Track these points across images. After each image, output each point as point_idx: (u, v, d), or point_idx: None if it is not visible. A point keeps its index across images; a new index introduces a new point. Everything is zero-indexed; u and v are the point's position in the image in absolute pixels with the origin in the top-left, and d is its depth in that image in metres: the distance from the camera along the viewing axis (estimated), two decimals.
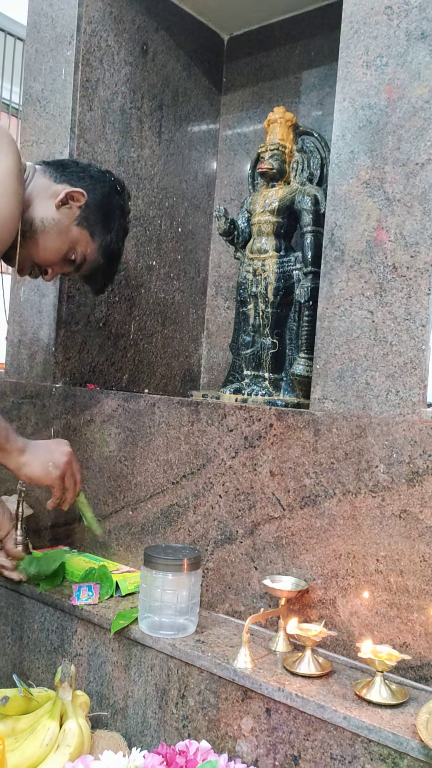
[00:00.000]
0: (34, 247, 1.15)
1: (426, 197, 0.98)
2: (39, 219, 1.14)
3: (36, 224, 1.14)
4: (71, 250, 1.18)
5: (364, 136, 1.05)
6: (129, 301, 1.59)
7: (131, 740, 1.11)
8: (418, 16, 1.00)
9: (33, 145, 1.52)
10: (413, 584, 0.96)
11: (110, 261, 1.25)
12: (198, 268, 1.79)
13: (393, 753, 0.83)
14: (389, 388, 1.01)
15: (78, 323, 1.49)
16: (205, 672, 1.01)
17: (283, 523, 1.10)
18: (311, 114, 1.60)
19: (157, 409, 1.28)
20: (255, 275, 1.40)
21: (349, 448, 1.02)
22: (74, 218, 1.17)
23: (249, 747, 0.97)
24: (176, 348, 1.74)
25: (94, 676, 1.18)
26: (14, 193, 1.06)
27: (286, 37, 1.65)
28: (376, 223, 1.03)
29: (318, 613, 1.05)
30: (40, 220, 1.14)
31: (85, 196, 1.17)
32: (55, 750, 1.01)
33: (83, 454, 1.41)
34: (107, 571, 1.26)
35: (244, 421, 1.15)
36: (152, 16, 1.58)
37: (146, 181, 1.61)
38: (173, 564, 1.08)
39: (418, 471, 0.95)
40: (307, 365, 1.30)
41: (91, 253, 1.21)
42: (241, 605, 1.16)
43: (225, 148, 1.79)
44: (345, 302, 1.06)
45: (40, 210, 1.15)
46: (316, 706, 0.89)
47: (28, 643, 1.30)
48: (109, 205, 1.22)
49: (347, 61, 1.07)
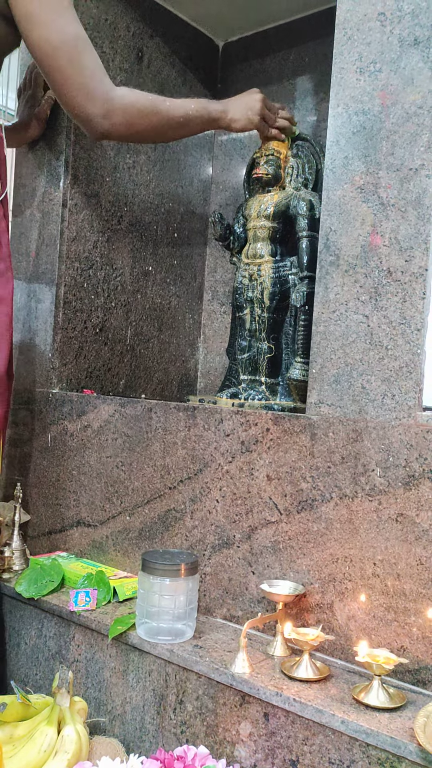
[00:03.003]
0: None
1: (420, 202, 0.99)
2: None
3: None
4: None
5: (358, 142, 1.05)
6: (125, 307, 1.60)
7: (129, 746, 1.10)
8: (411, 22, 1.00)
9: (29, 151, 1.53)
10: (410, 588, 0.96)
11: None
12: (194, 273, 1.79)
13: (391, 757, 0.83)
14: (385, 392, 1.01)
15: (75, 329, 1.49)
16: (203, 677, 1.01)
17: (280, 528, 1.10)
18: (306, 119, 1.61)
19: (154, 414, 1.28)
20: (251, 280, 1.41)
21: (346, 452, 1.03)
22: None
23: (247, 752, 0.97)
24: (173, 353, 1.75)
25: (92, 682, 1.17)
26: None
27: (281, 44, 1.66)
28: (370, 227, 1.04)
29: (315, 617, 1.06)
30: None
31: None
32: (53, 756, 1.01)
33: (80, 459, 1.41)
34: (105, 576, 1.26)
35: (240, 425, 1.15)
36: (147, 22, 1.58)
37: (142, 187, 1.61)
38: (171, 569, 1.08)
39: (414, 475, 0.96)
40: (304, 369, 1.30)
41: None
42: (239, 610, 1.16)
43: (220, 153, 1.79)
44: (340, 307, 1.06)
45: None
46: (314, 710, 0.89)
47: (26, 650, 1.30)
48: None
49: (341, 67, 1.08)
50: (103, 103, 1.16)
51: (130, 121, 1.20)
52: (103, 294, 1.54)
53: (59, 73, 1.13)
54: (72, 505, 1.42)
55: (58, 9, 1.11)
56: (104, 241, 1.53)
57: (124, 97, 1.19)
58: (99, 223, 1.52)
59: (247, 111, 1.34)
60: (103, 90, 1.16)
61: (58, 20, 1.11)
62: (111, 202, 1.54)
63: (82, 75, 1.14)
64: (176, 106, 1.26)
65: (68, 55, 1.12)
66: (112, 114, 1.18)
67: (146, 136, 1.28)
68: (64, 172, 1.44)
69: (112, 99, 1.17)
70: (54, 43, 1.11)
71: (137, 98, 1.21)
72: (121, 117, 1.19)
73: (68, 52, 1.12)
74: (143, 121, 1.22)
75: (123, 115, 1.19)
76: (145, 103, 1.22)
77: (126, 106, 1.19)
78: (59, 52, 1.12)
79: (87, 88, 1.14)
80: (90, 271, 1.51)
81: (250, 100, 1.35)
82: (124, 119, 1.19)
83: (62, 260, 1.46)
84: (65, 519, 1.44)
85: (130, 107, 1.19)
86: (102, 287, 1.54)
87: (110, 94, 1.17)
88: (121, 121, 1.19)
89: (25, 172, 1.54)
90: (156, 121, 1.23)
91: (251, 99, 1.36)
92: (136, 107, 1.20)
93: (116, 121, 1.19)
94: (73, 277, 1.47)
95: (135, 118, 1.20)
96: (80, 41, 1.13)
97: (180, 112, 1.26)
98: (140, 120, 1.21)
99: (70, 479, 1.42)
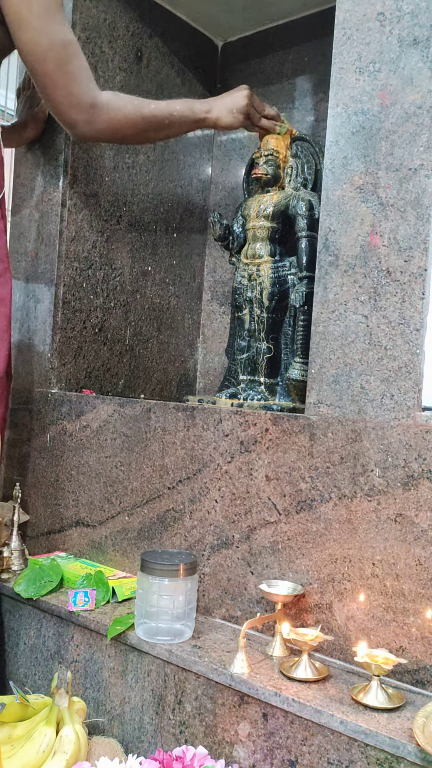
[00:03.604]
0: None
1: (419, 202, 0.99)
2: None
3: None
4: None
5: (358, 142, 1.05)
6: (124, 307, 1.60)
7: (128, 746, 1.10)
8: (411, 22, 1.00)
9: (28, 151, 1.53)
10: (409, 588, 0.96)
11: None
12: (193, 273, 1.79)
13: (390, 757, 0.83)
14: (384, 392, 1.01)
15: (74, 329, 1.49)
16: (202, 677, 1.01)
17: (279, 528, 1.10)
18: (305, 119, 1.61)
19: (153, 414, 1.28)
20: (250, 280, 1.41)
21: (345, 452, 1.03)
22: None
23: (246, 752, 0.97)
24: (172, 353, 1.75)
25: (90, 682, 1.17)
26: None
27: (280, 44, 1.66)
28: (369, 228, 1.03)
29: (314, 617, 1.05)
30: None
31: None
32: (52, 757, 1.01)
33: (79, 459, 1.41)
34: (103, 576, 1.26)
35: (239, 425, 1.15)
36: (146, 22, 1.58)
37: (141, 187, 1.61)
38: (170, 569, 1.08)
39: (413, 475, 0.96)
40: (303, 369, 1.30)
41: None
42: (238, 610, 1.16)
43: (220, 153, 1.79)
44: (340, 307, 1.06)
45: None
46: (312, 710, 0.89)
47: (25, 650, 1.30)
48: None
49: (340, 67, 1.08)
50: (87, 109, 1.19)
51: (114, 127, 1.23)
52: (102, 294, 1.54)
53: (47, 77, 1.15)
54: (71, 506, 1.42)
55: (48, 14, 1.12)
56: (103, 241, 1.53)
57: (108, 104, 1.21)
58: (98, 223, 1.52)
59: (232, 108, 1.34)
60: (88, 96, 1.18)
61: (49, 25, 1.12)
62: (110, 202, 1.54)
63: (68, 81, 1.16)
64: (161, 110, 1.28)
65: (56, 60, 1.14)
66: (95, 120, 1.20)
67: (131, 139, 1.32)
68: (63, 172, 1.44)
69: (95, 106, 1.19)
70: (43, 48, 1.13)
71: (122, 104, 1.23)
72: (105, 123, 1.21)
73: (56, 57, 1.13)
74: (127, 126, 1.24)
75: (107, 122, 1.22)
76: (130, 108, 1.24)
77: (110, 112, 1.21)
78: (48, 56, 1.13)
79: (72, 94, 1.17)
80: (89, 271, 1.51)
81: (236, 97, 1.35)
82: (107, 125, 1.22)
83: (61, 260, 1.46)
84: (64, 519, 1.44)
85: (114, 113, 1.22)
86: (101, 287, 1.54)
87: (95, 101, 1.19)
88: (105, 126, 1.22)
89: (24, 172, 1.54)
90: (140, 125, 1.26)
91: (237, 96, 1.35)
92: (120, 113, 1.22)
93: (100, 127, 1.22)
94: (72, 277, 1.47)
95: (119, 123, 1.23)
96: (69, 46, 1.15)
97: (164, 114, 1.28)
98: (124, 125, 1.24)
99: (69, 479, 1.42)
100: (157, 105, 1.27)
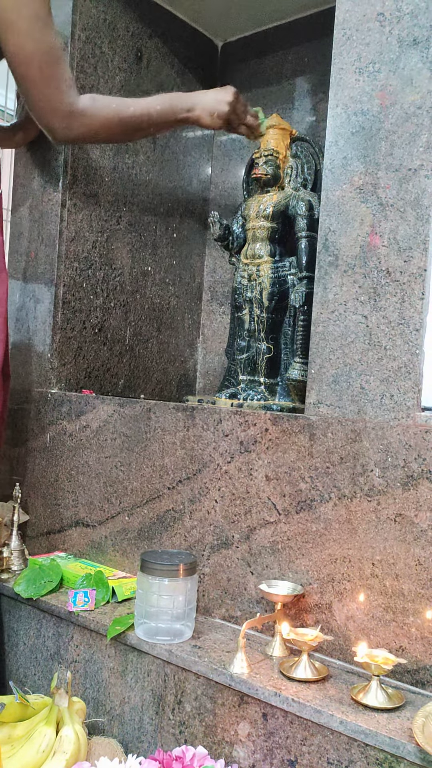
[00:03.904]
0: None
1: (419, 202, 0.99)
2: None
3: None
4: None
5: (357, 142, 1.05)
6: (124, 307, 1.60)
7: (128, 746, 1.10)
8: (410, 22, 1.01)
9: (28, 151, 1.53)
10: (409, 588, 0.96)
11: None
12: (193, 273, 1.79)
13: (390, 757, 0.83)
14: (384, 392, 1.01)
15: (74, 329, 1.49)
16: (202, 677, 1.01)
17: (279, 528, 1.10)
18: (305, 120, 1.61)
19: (153, 414, 1.28)
20: (250, 280, 1.41)
21: (345, 452, 1.03)
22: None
23: (246, 752, 0.97)
24: (172, 353, 1.75)
25: (90, 682, 1.17)
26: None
27: (280, 44, 1.66)
28: (369, 228, 1.04)
29: (314, 617, 1.06)
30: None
31: None
32: (52, 757, 1.01)
33: (79, 459, 1.41)
34: (103, 576, 1.26)
35: (239, 425, 1.15)
36: (146, 23, 1.58)
37: (141, 187, 1.61)
38: (169, 569, 1.08)
39: (413, 475, 0.96)
40: (302, 370, 1.30)
41: None
42: (238, 610, 1.16)
43: (219, 153, 1.79)
44: (339, 307, 1.06)
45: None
46: (312, 710, 0.89)
47: (24, 650, 1.30)
48: None
49: (340, 67, 1.08)
50: (66, 116, 1.20)
51: (93, 130, 1.25)
52: (102, 294, 1.54)
53: (28, 81, 1.16)
54: (71, 506, 1.42)
55: (37, 19, 1.13)
56: (103, 241, 1.53)
57: (85, 111, 1.22)
58: (98, 223, 1.52)
59: (213, 112, 1.32)
60: (66, 103, 1.20)
61: (36, 30, 1.13)
62: (110, 202, 1.54)
63: (49, 86, 1.17)
64: (140, 111, 1.28)
65: (39, 65, 1.15)
66: (73, 126, 1.22)
67: (111, 141, 1.35)
68: (63, 172, 1.44)
69: (73, 113, 1.21)
70: (28, 52, 1.14)
71: (100, 108, 1.24)
72: (83, 128, 1.23)
73: (39, 62, 1.14)
74: (105, 129, 1.26)
75: (85, 126, 1.23)
76: (108, 112, 1.25)
77: (88, 118, 1.22)
78: (32, 60, 1.14)
79: (51, 100, 1.18)
80: (89, 271, 1.51)
81: (219, 100, 1.34)
82: (86, 130, 1.24)
83: (61, 260, 1.46)
84: (64, 519, 1.44)
85: (91, 120, 1.23)
86: (101, 287, 1.54)
87: (72, 107, 1.20)
88: (83, 131, 1.24)
89: (24, 172, 1.54)
90: (119, 128, 1.27)
91: (221, 99, 1.34)
92: (97, 119, 1.24)
93: (78, 132, 1.23)
94: (72, 277, 1.47)
95: (97, 127, 1.24)
96: (53, 52, 1.16)
97: (143, 116, 1.28)
98: (102, 128, 1.25)
99: (69, 479, 1.42)
100: (136, 107, 1.28)
